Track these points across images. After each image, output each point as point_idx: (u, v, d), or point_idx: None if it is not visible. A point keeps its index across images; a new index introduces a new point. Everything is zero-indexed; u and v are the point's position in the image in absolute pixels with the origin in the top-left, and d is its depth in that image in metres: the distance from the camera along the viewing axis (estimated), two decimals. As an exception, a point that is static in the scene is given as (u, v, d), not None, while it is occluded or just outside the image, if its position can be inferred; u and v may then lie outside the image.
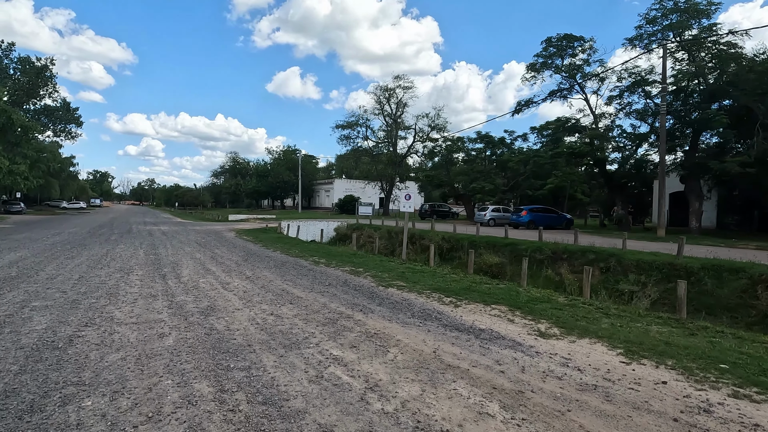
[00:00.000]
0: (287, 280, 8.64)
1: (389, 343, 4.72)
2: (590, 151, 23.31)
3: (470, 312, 6.28)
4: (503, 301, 7.00)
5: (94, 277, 8.33)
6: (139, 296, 6.76)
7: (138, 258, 11.34)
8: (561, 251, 13.58)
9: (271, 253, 13.30)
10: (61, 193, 70.41)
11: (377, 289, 7.92)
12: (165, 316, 5.59)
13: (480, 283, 8.76)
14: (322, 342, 4.68)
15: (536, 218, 26.04)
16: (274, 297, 6.97)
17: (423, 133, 49.29)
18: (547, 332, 5.29)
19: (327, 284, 8.22)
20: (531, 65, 27.11)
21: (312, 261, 11.64)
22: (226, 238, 18.37)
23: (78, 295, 6.65)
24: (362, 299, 6.96)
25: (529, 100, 26.67)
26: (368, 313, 6.01)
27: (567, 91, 25.99)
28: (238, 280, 8.49)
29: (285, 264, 10.94)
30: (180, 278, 8.48)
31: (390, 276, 9.33)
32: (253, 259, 11.70)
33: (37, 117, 51.96)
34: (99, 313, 5.64)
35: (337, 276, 9.27)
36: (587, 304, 6.95)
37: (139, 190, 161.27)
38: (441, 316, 5.94)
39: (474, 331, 5.27)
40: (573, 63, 25.37)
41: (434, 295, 7.38)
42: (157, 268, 9.65)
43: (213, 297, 6.86)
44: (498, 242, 16.15)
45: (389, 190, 50.46)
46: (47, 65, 49.92)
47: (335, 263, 11.26)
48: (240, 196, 79.98)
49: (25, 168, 42.63)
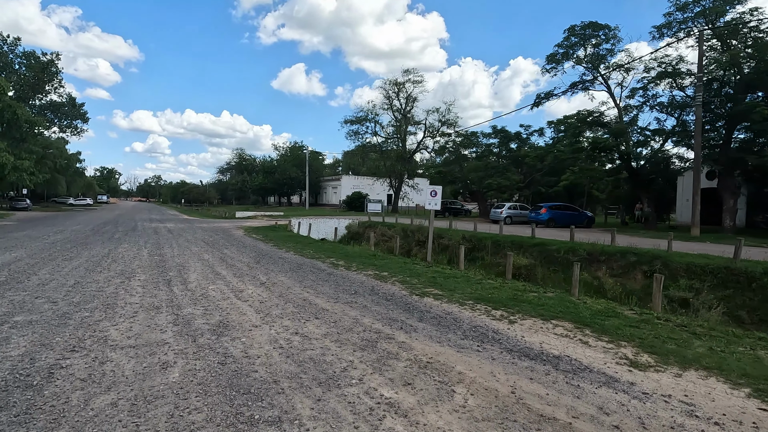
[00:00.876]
0: (307, 286, 7.67)
1: (450, 377, 3.74)
2: (615, 145, 22.08)
3: (530, 330, 5.27)
4: (562, 315, 5.98)
5: (91, 282, 7.42)
6: (140, 308, 5.82)
7: (141, 259, 10.44)
8: (598, 252, 12.51)
9: (284, 254, 12.36)
10: (68, 190, 70.13)
11: (411, 298, 6.93)
12: (169, 336, 4.64)
13: (524, 290, 7.74)
14: (366, 375, 3.70)
15: (556, 216, 24.95)
16: (296, 309, 6.00)
17: (433, 129, 48.15)
18: (638, 361, 4.28)
19: (353, 292, 7.25)
20: (551, 56, 25.89)
21: (330, 263, 10.68)
22: (234, 237, 17.47)
23: (70, 307, 5.73)
24: (398, 312, 5.97)
25: (550, 93, 25.49)
26: (411, 332, 5.03)
27: (589, 83, 24.74)
28: (251, 286, 7.55)
29: (301, 267, 9.98)
30: (187, 284, 7.55)
31: (420, 282, 8.34)
32: (266, 261, 10.76)
33: (43, 112, 51.45)
34: (91, 332, 4.71)
35: (362, 282, 8.29)
36: (663, 319, 5.91)
37: (145, 186, 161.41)
38: (499, 337, 4.95)
39: (548, 358, 4.27)
40: (597, 53, 24.10)
41: (479, 307, 6.37)
42: (162, 272, 8.73)
43: (225, 309, 5.91)
44: (525, 242, 15.10)
45: (398, 187, 49.39)
46: (53, 60, 49.35)
47: (356, 266, 10.29)
48: (246, 193, 79.37)
49: (31, 164, 42.13)
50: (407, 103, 49.86)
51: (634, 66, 23.21)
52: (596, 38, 24.10)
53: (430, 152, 50.63)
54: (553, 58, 25.96)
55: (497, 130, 31.99)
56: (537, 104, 25.62)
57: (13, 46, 46.14)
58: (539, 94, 25.38)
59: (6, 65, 45.46)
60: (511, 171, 31.17)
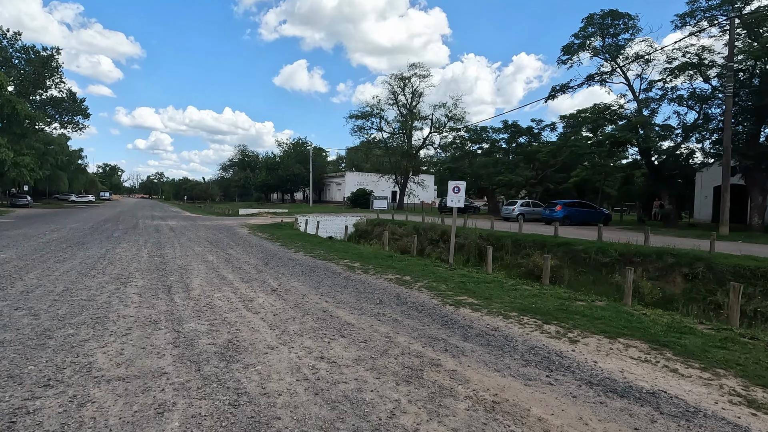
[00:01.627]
0: (324, 294, 6.82)
1: (530, 426, 2.88)
2: (636, 139, 21.09)
3: (599, 353, 4.41)
4: (628, 331, 5.11)
5: (82, 290, 6.59)
6: (135, 322, 4.98)
7: (140, 261, 9.62)
8: (631, 253, 11.61)
9: (294, 255, 11.52)
10: (69, 187, 69.59)
11: (445, 309, 6.07)
12: (168, 362, 3.80)
13: (568, 298, 6.87)
14: (422, 425, 2.84)
15: (571, 213, 24.02)
16: (316, 324, 5.15)
17: (440, 124, 47.17)
18: (755, 398, 3.40)
19: (377, 301, 6.39)
20: (566, 47, 24.86)
21: (345, 265, 9.82)
22: (239, 236, 16.65)
23: (53, 322, 4.90)
24: (436, 328, 5.11)
25: (565, 85, 24.49)
26: (459, 356, 4.17)
27: (607, 74, 23.72)
28: (262, 294, 6.70)
29: (314, 270, 9.13)
30: (189, 291, 6.72)
31: (450, 288, 7.47)
32: (275, 263, 9.92)
33: (44, 108, 50.68)
34: (73, 357, 3.87)
35: (384, 288, 7.44)
36: (747, 337, 5.03)
37: (148, 183, 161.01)
38: (566, 362, 4.08)
39: (642, 395, 3.40)
40: (615, 43, 23.06)
41: (527, 321, 5.50)
42: (162, 276, 7.90)
43: (234, 323, 5.06)
44: (548, 241, 14.21)
45: (404, 183, 48.49)
46: (53, 55, 48.53)
47: (373, 268, 9.43)
48: (249, 190, 78.56)
49: (32, 160, 41.47)
50: (413, 98, 48.90)
51: (655, 57, 22.17)
52: (615, 28, 23.06)
53: (437, 148, 49.73)
54: (569, 49, 24.94)
55: (508, 125, 30.99)
56: (552, 97, 24.64)
57: (12, 41, 45.30)
58: (554, 87, 24.44)
59: (5, 60, 44.64)
60: (522, 167, 30.17)
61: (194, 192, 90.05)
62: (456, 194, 9.90)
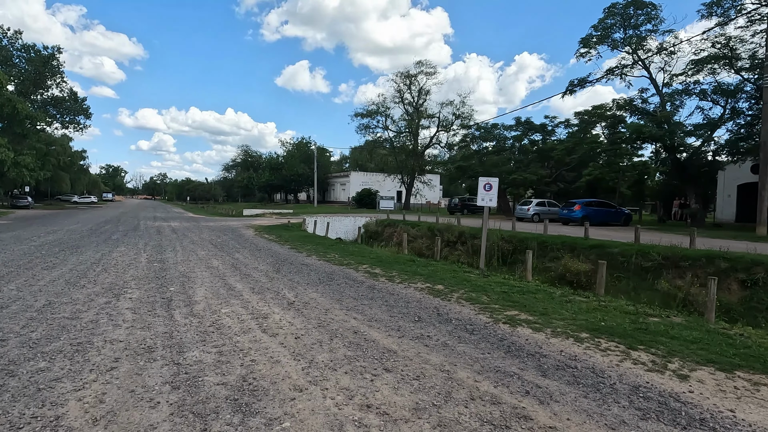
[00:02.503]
0: (350, 308, 5.82)
1: None
2: (663, 135, 19.99)
3: (726, 395, 3.38)
4: (741, 361, 4.07)
5: (66, 304, 5.61)
6: (125, 350, 3.99)
7: (138, 267, 8.64)
8: (677, 257, 10.54)
9: (306, 259, 10.52)
10: (72, 188, 68.96)
11: (499, 329, 5.05)
12: (163, 416, 2.80)
13: (637, 313, 5.83)
14: None
15: (591, 213, 22.90)
16: (350, 350, 4.14)
17: (447, 122, 46.14)
18: None
19: (416, 318, 5.38)
20: (585, 39, 23.77)
21: (365, 272, 8.81)
22: (245, 238, 15.68)
23: (22, 350, 3.91)
24: (500, 357, 4.09)
25: (584, 79, 23.36)
26: (549, 402, 3.15)
27: (629, 67, 22.62)
28: (278, 309, 5.70)
29: (332, 277, 8.13)
30: (192, 305, 5.73)
31: (493, 300, 6.45)
32: (288, 270, 8.92)
33: (45, 108, 49.97)
34: (36, 406, 2.88)
35: (418, 301, 6.42)
36: None
37: (151, 184, 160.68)
38: (696, 413, 3.06)
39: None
40: (637, 35, 21.96)
41: (608, 345, 4.47)
42: (161, 286, 6.92)
43: (247, 351, 4.07)
44: (578, 243, 13.15)
45: (410, 183, 47.49)
46: (54, 54, 47.84)
47: (398, 275, 8.42)
48: (252, 190, 77.71)
49: (32, 160, 40.75)
50: (419, 96, 47.89)
51: (680, 48, 21.07)
52: (637, 18, 21.98)
53: (444, 147, 48.71)
54: (588, 42, 23.85)
55: (521, 122, 29.92)
56: (571, 92, 23.48)
57: (13, 40, 44.58)
58: (572, 81, 23.35)
59: (5, 59, 43.92)
60: (535, 165, 29.08)
61: (197, 193, 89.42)
62: (487, 192, 8.87)
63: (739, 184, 27.83)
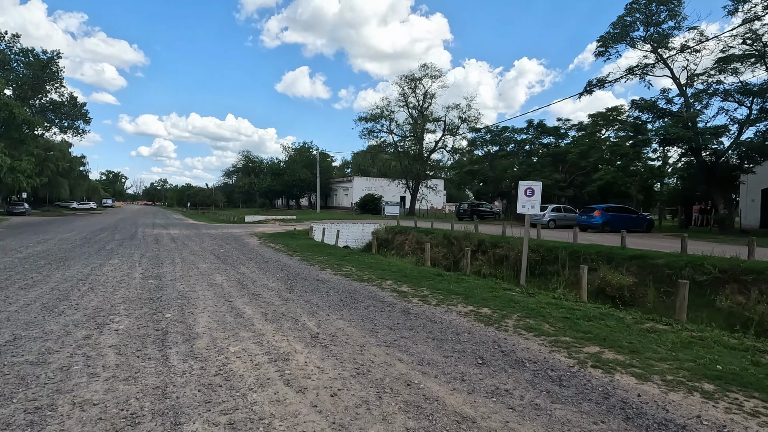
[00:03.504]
0: (390, 343, 4.67)
1: None
2: (690, 137, 18.90)
3: None
4: None
5: (34, 340, 4.47)
6: (99, 421, 2.85)
7: (130, 285, 7.50)
8: (737, 270, 9.39)
9: (321, 274, 9.38)
10: (71, 194, 67.95)
11: (592, 376, 3.89)
12: None
13: (744, 348, 4.69)
14: None
15: (612, 219, 21.80)
16: (412, 420, 2.99)
17: (453, 126, 45.19)
18: None
19: (478, 360, 4.22)
20: (603, 38, 22.78)
21: (392, 290, 7.67)
22: (249, 247, 14.54)
23: (-47, 424, 2.77)
24: (621, 429, 2.94)
25: (602, 79, 22.35)
26: None
27: (650, 66, 21.60)
28: (300, 345, 4.56)
29: (356, 298, 6.98)
30: (193, 342, 4.59)
31: (559, 329, 5.29)
32: (302, 287, 7.78)
33: (43, 113, 49.06)
34: None
35: (468, 331, 5.26)
36: None
37: (151, 190, 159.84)
38: None
39: None
40: (660, 32, 20.96)
41: (757, 408, 3.33)
42: (156, 311, 5.78)
43: (270, 422, 2.92)
44: (615, 254, 12.00)
45: (415, 188, 46.40)
46: (53, 58, 47.05)
47: (430, 294, 7.28)
48: (253, 196, 76.65)
49: (29, 165, 39.75)
50: (424, 100, 46.94)
51: (706, 46, 20.05)
52: (659, 15, 21.00)
53: (449, 151, 47.72)
54: (606, 41, 22.85)
55: (533, 124, 28.82)
56: (589, 92, 22.43)
57: (11, 44, 43.75)
58: (590, 81, 22.32)
59: (3, 63, 43.07)
60: (550, 169, 27.97)
61: (198, 198, 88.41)
62: (529, 198, 7.77)
63: (764, 188, 26.74)
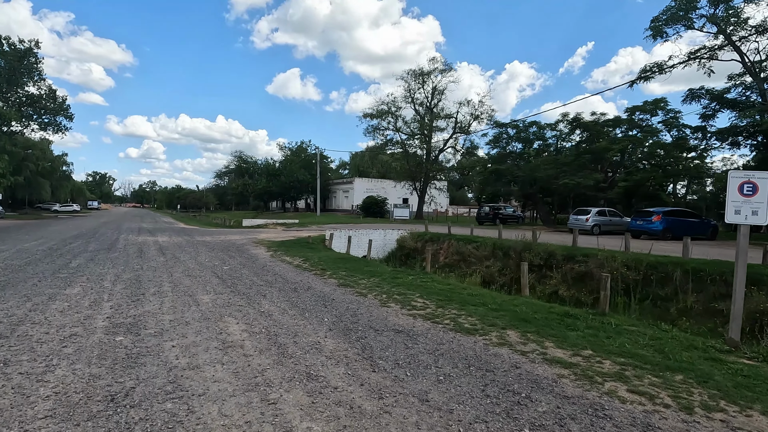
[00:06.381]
0: None
1: None
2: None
3: None
4: None
5: None
6: None
7: (82, 348, 4.31)
8: None
9: (392, 316, 6.25)
10: (53, 195, 63.65)
11: None
12: None
13: None
14: None
15: (673, 225, 19.00)
16: None
17: (465, 123, 42.41)
18: None
19: None
20: (655, 20, 20.05)
21: (536, 356, 4.59)
22: (260, 263, 11.36)
23: None
24: None
25: (660, 65, 19.60)
26: None
27: (716, 49, 18.90)
28: None
29: (486, 383, 3.89)
30: None
31: None
32: (388, 356, 4.65)
33: (20, 108, 45.11)
34: None
35: None
36: None
37: (140, 192, 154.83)
38: None
39: None
40: (728, 9, 18.27)
41: None
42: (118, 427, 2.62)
43: None
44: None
45: (423, 189, 43.44)
46: (31, 48, 43.26)
47: (601, 364, 4.22)
48: (246, 198, 72.96)
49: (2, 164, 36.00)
50: (433, 96, 44.08)
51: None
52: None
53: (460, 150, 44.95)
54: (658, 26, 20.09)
55: (570, 119, 26.00)
56: (645, 78, 19.68)
57: (-17, 35, 39.91)
58: (644, 68, 19.60)
59: (-26, 52, 39.24)
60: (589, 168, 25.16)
61: (188, 201, 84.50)
62: (747, 198, 4.78)
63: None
